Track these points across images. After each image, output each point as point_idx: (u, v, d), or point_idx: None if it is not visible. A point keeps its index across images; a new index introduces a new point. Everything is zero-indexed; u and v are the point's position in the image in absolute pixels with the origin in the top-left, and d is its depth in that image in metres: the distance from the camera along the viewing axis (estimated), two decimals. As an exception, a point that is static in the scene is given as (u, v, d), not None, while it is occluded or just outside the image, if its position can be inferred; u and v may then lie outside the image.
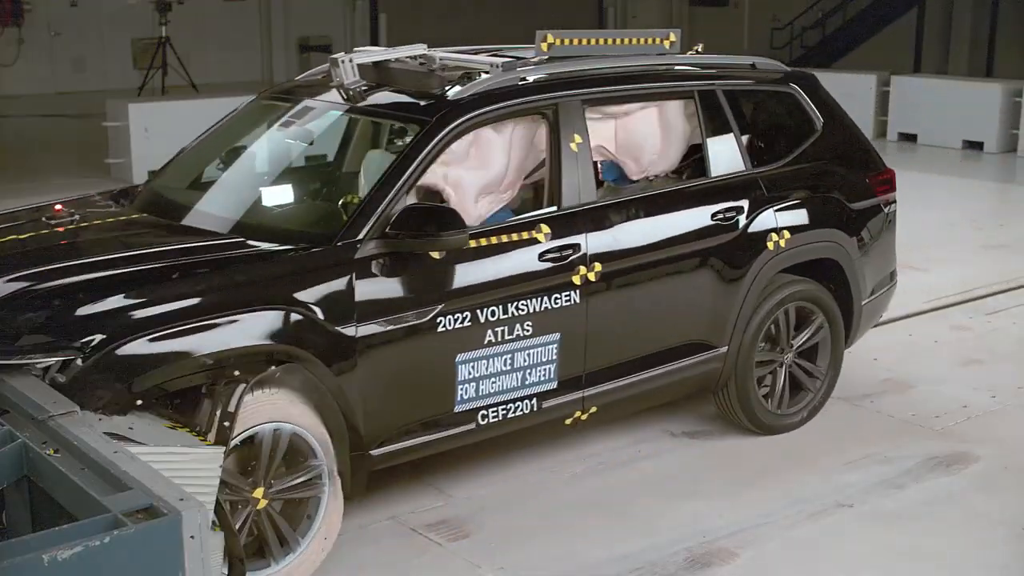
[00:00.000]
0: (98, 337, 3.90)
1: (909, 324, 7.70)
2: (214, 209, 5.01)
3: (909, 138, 16.23)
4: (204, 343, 4.04)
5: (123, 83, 19.33)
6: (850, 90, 16.80)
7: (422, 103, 5.02)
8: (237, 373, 4.02)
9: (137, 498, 2.94)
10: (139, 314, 4.02)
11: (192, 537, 2.85)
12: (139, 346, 3.94)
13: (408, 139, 4.88)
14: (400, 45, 5.62)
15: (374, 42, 18.31)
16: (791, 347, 5.81)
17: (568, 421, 5.15)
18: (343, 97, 5.26)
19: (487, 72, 5.09)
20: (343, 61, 5.19)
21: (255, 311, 4.17)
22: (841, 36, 22.19)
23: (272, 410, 4.17)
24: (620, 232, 5.15)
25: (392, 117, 5.28)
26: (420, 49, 5.45)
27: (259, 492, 4.16)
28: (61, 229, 4.86)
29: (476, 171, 5.04)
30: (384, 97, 5.22)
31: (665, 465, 5.51)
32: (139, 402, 3.84)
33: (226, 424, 3.84)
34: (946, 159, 15.01)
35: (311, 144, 5.58)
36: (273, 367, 4.17)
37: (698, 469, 5.46)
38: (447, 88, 5.03)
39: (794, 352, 5.83)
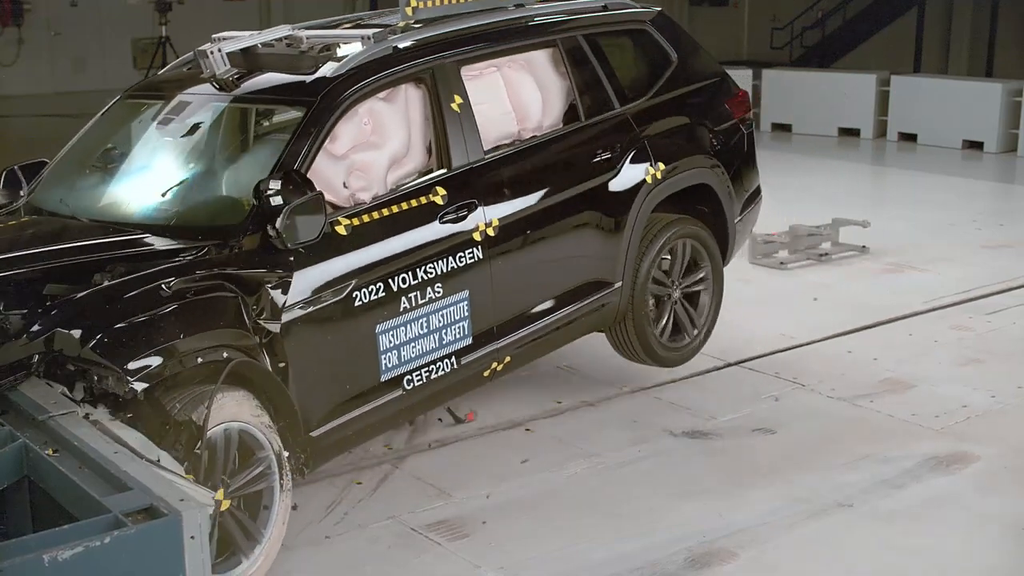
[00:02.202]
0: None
1: (909, 324, 7.70)
2: (120, 209, 4.99)
3: (909, 138, 16.21)
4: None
5: (123, 83, 19.20)
6: (850, 90, 16.87)
7: (304, 83, 4.99)
8: (200, 360, 4.04)
9: (137, 498, 2.94)
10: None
11: (192, 537, 2.85)
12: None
13: (296, 122, 4.82)
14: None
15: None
16: (678, 284, 6.22)
17: (486, 373, 5.31)
18: (216, 88, 5.19)
19: (360, 45, 5.10)
20: (212, 52, 5.12)
21: (183, 307, 4.11)
22: (841, 36, 22.17)
23: (218, 412, 4.07)
24: (511, 185, 5.32)
25: (276, 102, 5.22)
26: (285, 30, 5.42)
27: (220, 495, 4.11)
28: None
29: (378, 145, 5.02)
30: (263, 83, 5.19)
31: (665, 465, 5.51)
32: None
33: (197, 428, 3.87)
34: (946, 159, 15.00)
35: (197, 136, 5.36)
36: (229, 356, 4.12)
37: (698, 469, 5.46)
38: (324, 65, 5.02)
39: (680, 288, 6.24)
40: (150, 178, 5.19)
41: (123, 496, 2.96)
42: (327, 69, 4.97)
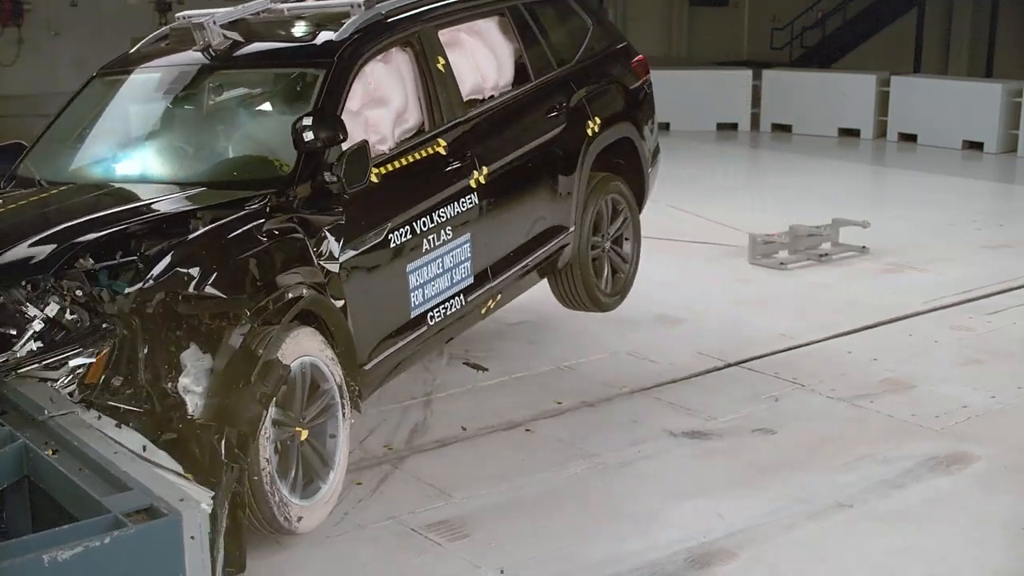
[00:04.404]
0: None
1: (909, 324, 7.70)
2: (167, 171, 5.26)
3: (909, 138, 16.22)
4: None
5: (123, 83, 19.30)
6: (850, 90, 16.87)
7: (316, 46, 5.31)
8: (290, 296, 4.36)
9: (137, 498, 2.95)
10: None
11: (192, 537, 2.85)
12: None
13: (317, 83, 5.11)
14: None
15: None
16: (608, 235, 6.91)
17: (483, 311, 5.89)
18: (208, 57, 5.45)
19: (351, 12, 5.40)
20: (209, 24, 5.36)
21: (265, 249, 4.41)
22: (841, 36, 22.17)
23: (295, 347, 4.41)
24: (493, 137, 5.87)
25: (292, 65, 5.49)
26: (265, 3, 5.67)
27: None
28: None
29: (384, 102, 5.35)
30: (269, 49, 5.51)
31: (665, 465, 5.51)
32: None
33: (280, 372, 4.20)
34: (946, 159, 15.00)
35: (219, 102, 5.61)
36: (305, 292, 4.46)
37: (698, 469, 5.46)
38: (324, 32, 5.36)
39: (611, 239, 6.94)
40: (188, 142, 5.46)
41: (123, 496, 2.97)
42: (328, 34, 5.28)
